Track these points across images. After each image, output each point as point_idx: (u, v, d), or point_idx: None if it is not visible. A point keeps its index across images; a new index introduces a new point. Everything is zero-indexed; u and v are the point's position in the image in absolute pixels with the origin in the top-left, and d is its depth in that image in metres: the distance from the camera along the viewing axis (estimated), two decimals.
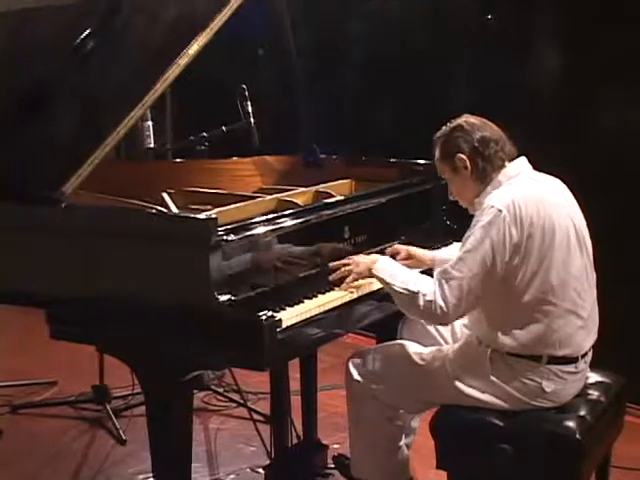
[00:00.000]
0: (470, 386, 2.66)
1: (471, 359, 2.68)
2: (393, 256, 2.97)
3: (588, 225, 2.70)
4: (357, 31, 4.81)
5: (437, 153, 2.76)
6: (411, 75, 4.52)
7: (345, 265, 2.79)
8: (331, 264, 2.81)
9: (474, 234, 2.57)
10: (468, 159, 2.68)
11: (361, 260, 2.79)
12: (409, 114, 4.50)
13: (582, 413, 2.63)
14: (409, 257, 3.02)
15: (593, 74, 3.92)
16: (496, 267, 2.54)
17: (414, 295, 2.58)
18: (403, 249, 3.04)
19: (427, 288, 2.58)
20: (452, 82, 4.29)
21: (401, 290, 2.62)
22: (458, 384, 2.67)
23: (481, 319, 2.67)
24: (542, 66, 4.06)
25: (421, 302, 2.57)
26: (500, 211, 2.55)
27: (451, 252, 2.98)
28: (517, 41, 4.14)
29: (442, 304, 2.54)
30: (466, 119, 2.72)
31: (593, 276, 2.70)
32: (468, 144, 2.67)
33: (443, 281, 2.56)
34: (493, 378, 2.63)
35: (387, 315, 2.92)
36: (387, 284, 2.68)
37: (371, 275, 2.75)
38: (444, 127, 2.75)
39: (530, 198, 2.59)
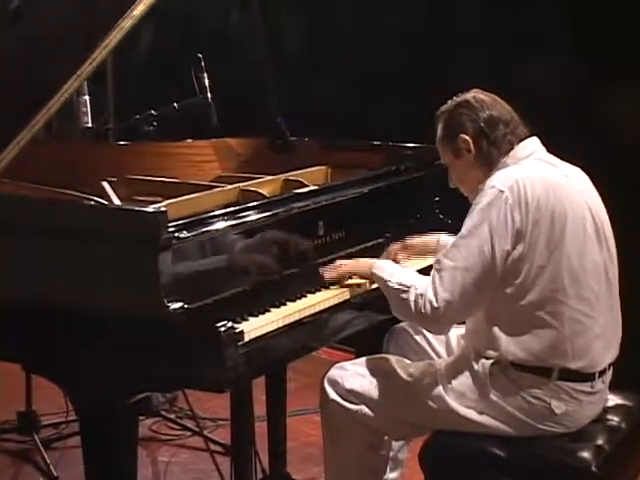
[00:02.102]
0: (466, 406, 2.67)
1: (467, 374, 2.69)
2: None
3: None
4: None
5: (438, 131, 2.79)
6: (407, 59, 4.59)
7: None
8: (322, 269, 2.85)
9: (471, 218, 2.60)
10: (472, 141, 2.70)
11: (363, 259, 2.85)
12: (398, 94, 4.54)
13: (599, 442, 2.64)
14: (407, 249, 3.06)
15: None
16: (495, 257, 2.55)
17: (407, 289, 2.62)
18: (397, 246, 3.07)
19: (422, 282, 2.62)
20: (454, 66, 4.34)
21: (395, 286, 2.66)
22: (452, 404, 2.68)
23: (479, 324, 2.69)
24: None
25: (412, 297, 2.60)
26: (501, 192, 2.57)
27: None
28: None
29: (432, 298, 2.57)
30: (475, 94, 2.75)
31: (615, 277, 2.71)
32: (474, 124, 2.70)
33: (435, 272, 2.60)
34: (493, 397, 2.64)
35: (369, 327, 2.92)
36: (384, 282, 2.72)
37: (370, 275, 2.78)
38: (449, 101, 2.78)
39: (538, 179, 2.61)
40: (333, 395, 2.83)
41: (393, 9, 4.58)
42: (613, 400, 2.80)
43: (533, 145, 2.73)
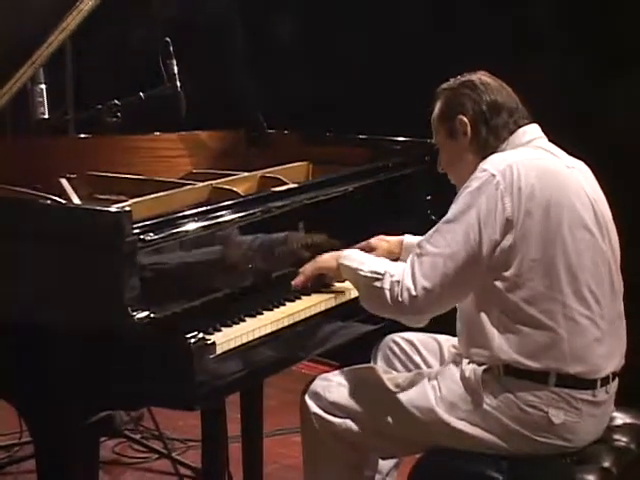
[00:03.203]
0: (458, 418, 2.67)
1: (459, 382, 2.70)
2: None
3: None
4: None
5: (436, 108, 2.81)
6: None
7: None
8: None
9: (458, 202, 2.62)
10: (470, 124, 2.73)
11: (325, 254, 2.86)
12: (397, 92, 4.57)
13: (606, 464, 2.65)
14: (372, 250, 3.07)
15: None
16: (482, 246, 2.57)
17: (380, 277, 2.63)
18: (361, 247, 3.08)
19: (397, 269, 2.63)
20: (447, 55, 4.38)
21: (367, 274, 2.68)
22: (442, 415, 2.68)
23: (470, 324, 2.70)
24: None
25: (387, 285, 2.61)
26: (493, 176, 2.59)
27: None
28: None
29: (410, 285, 2.57)
30: (481, 76, 2.78)
31: (618, 279, 2.73)
32: (475, 106, 2.73)
33: (415, 257, 2.61)
34: (486, 407, 2.65)
35: (355, 338, 2.93)
36: (352, 270, 2.74)
37: (337, 267, 2.79)
38: (452, 79, 2.81)
39: (534, 166, 2.63)
40: (314, 408, 2.83)
41: (392, 6, 4.61)
42: (621, 419, 2.81)
43: (533, 132, 2.76)
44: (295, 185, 3.12)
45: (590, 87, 4.16)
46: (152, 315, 2.42)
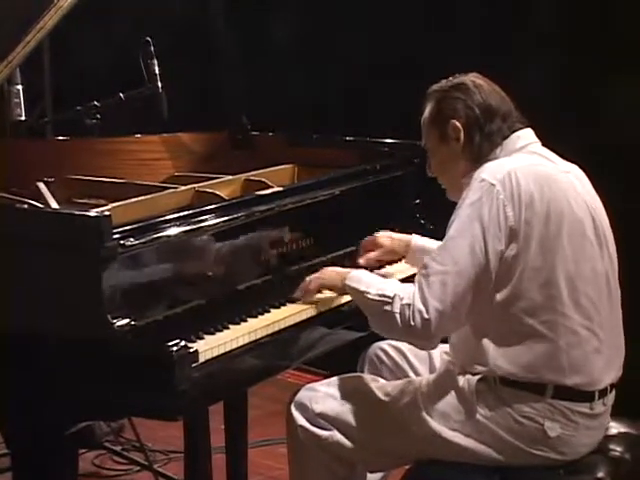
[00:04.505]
0: (450, 428, 2.66)
1: (451, 392, 2.69)
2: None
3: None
4: None
5: (426, 111, 2.80)
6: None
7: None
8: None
9: (459, 215, 2.60)
10: (463, 129, 2.72)
11: (331, 269, 2.85)
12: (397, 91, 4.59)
13: (600, 474, 2.65)
14: (377, 247, 3.08)
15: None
16: (489, 257, 2.56)
17: (390, 301, 2.61)
18: (368, 242, 3.09)
19: (407, 291, 2.61)
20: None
21: (376, 297, 2.65)
22: (434, 426, 2.67)
23: (466, 335, 2.69)
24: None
25: (397, 308, 2.59)
26: (492, 185, 2.58)
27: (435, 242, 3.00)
28: None
29: (421, 308, 2.56)
30: (474, 78, 2.76)
31: (616, 288, 2.73)
32: (468, 111, 2.72)
33: (422, 278, 2.59)
34: (480, 417, 2.64)
35: (342, 345, 2.93)
36: (360, 293, 2.71)
37: (342, 287, 2.78)
38: (444, 81, 2.79)
39: (532, 173, 2.62)
40: (301, 420, 2.82)
41: (391, 5, 4.63)
42: (615, 428, 2.80)
43: (527, 137, 2.75)
44: (280, 188, 3.11)
45: (590, 87, 4.17)
46: (133, 323, 2.42)
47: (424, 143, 2.83)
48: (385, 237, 3.12)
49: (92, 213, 2.54)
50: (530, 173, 2.61)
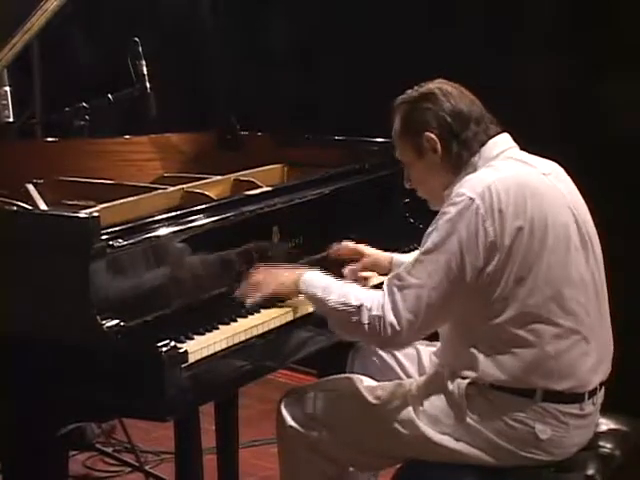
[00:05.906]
0: (440, 432, 2.67)
1: (441, 395, 2.69)
2: (338, 260, 3.00)
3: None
4: None
5: (396, 124, 2.77)
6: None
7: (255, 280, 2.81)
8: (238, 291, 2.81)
9: (437, 229, 2.59)
10: (439, 140, 2.69)
11: (280, 271, 2.80)
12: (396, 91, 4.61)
13: (590, 471, 2.65)
14: (360, 257, 3.06)
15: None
16: (465, 274, 2.56)
17: (356, 311, 2.59)
18: (349, 247, 3.08)
19: (373, 301, 2.59)
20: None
21: (338, 306, 2.64)
22: (424, 429, 2.68)
23: (455, 343, 2.69)
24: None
25: (365, 319, 2.58)
26: (471, 200, 2.56)
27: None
28: None
29: (393, 320, 2.56)
30: (440, 85, 2.73)
31: (603, 289, 2.73)
32: (439, 120, 2.69)
33: (395, 289, 2.58)
34: (470, 421, 2.64)
35: (332, 345, 2.93)
36: (319, 300, 2.70)
37: (296, 292, 2.76)
38: (410, 90, 2.77)
39: (513, 184, 2.61)
40: (291, 421, 2.83)
41: (391, 5, 4.64)
42: (605, 425, 2.81)
43: (504, 142, 2.73)
44: (269, 188, 3.12)
45: (590, 87, 4.18)
46: (122, 323, 2.42)
47: (399, 157, 2.80)
48: (366, 246, 3.10)
49: (81, 214, 2.55)
50: (511, 184, 2.59)
